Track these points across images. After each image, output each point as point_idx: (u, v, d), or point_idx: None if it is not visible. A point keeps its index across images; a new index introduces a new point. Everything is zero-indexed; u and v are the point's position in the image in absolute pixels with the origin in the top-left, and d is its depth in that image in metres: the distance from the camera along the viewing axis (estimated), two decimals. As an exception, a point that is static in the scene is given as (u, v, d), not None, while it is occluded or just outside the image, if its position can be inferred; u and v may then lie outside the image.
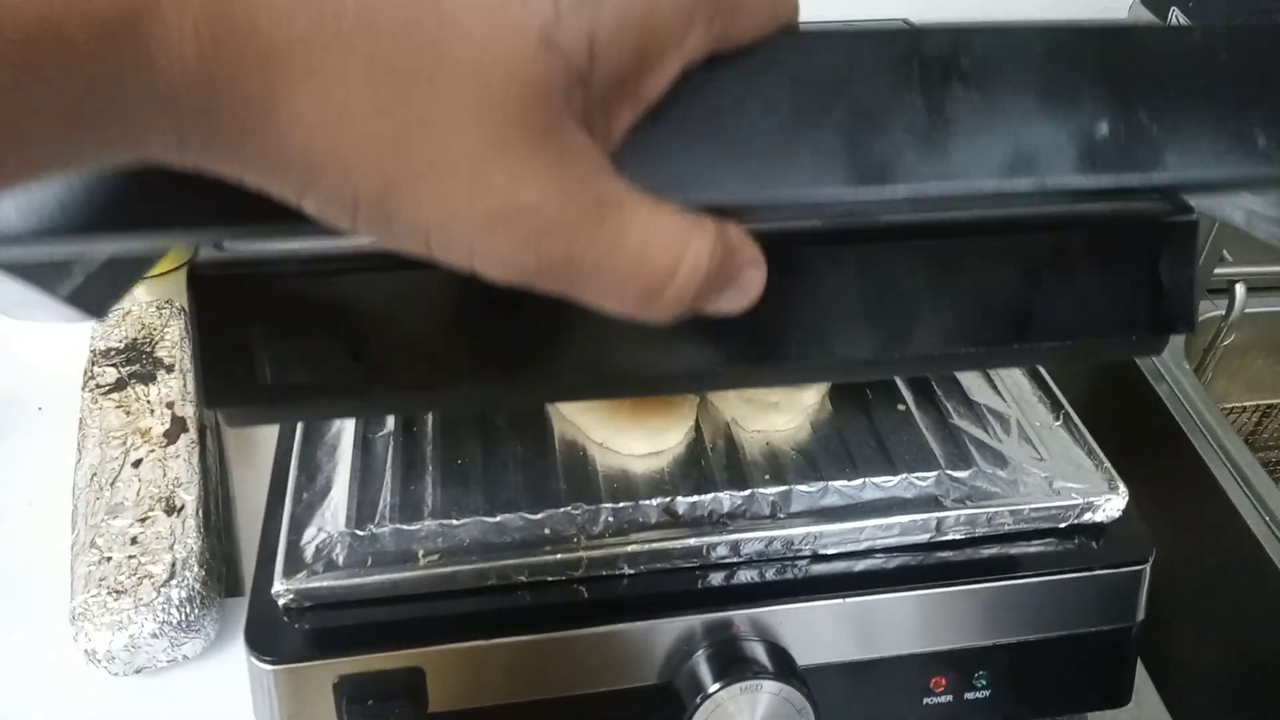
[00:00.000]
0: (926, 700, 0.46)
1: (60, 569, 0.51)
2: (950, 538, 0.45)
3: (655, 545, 0.43)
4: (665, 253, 0.21)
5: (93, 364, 0.62)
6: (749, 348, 0.36)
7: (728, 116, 0.24)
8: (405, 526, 0.43)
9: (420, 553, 0.42)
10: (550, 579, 0.43)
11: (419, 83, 0.18)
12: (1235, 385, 0.79)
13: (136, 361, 0.62)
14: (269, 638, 0.41)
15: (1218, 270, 0.72)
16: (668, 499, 0.44)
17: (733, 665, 0.41)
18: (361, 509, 0.44)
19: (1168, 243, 0.38)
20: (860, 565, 0.44)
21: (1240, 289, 0.71)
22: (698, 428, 0.49)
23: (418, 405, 0.43)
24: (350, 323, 0.33)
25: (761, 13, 0.23)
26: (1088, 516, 0.45)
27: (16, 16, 0.15)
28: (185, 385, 0.60)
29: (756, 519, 0.44)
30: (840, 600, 0.43)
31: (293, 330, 0.33)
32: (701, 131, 0.24)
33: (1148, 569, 0.45)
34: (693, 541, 0.43)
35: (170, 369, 0.61)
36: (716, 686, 0.41)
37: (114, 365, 0.62)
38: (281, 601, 0.41)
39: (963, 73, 0.26)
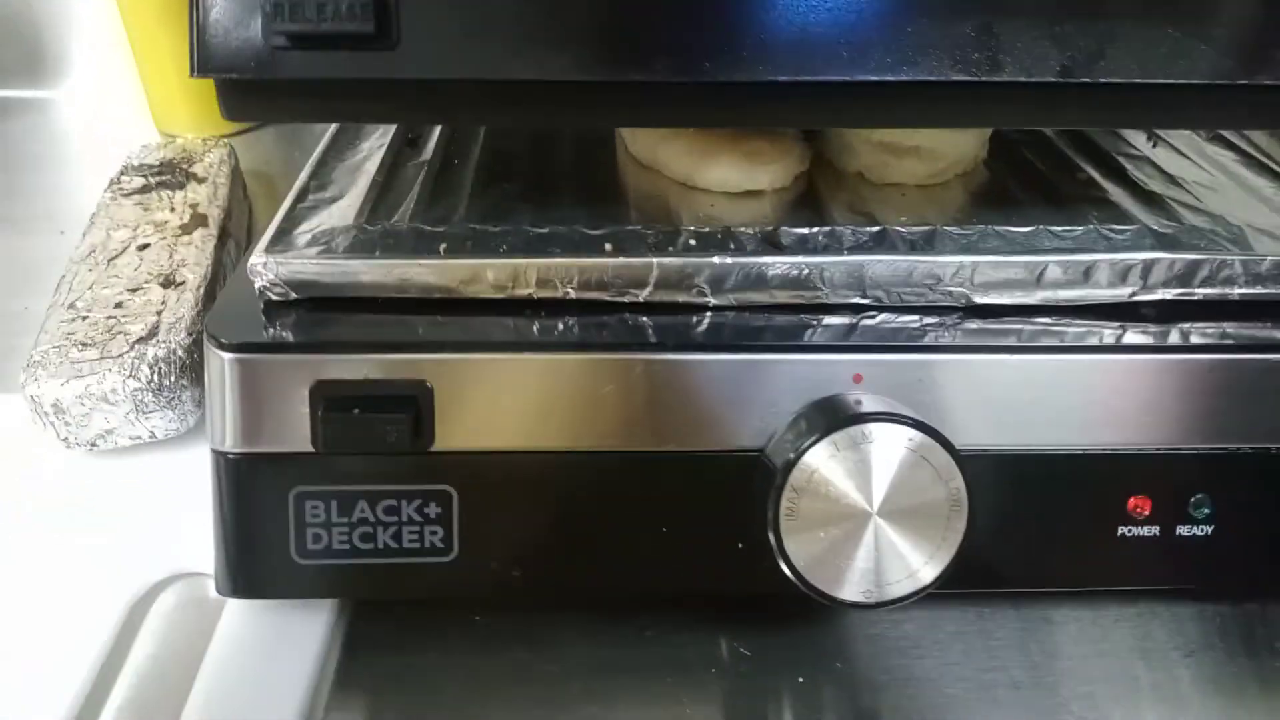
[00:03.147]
0: (1122, 530, 0.33)
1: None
2: (1161, 296, 0.33)
3: (749, 260, 0.32)
4: None
5: (120, 174, 0.55)
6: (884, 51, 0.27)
7: None
8: (427, 227, 0.33)
9: (442, 247, 0.32)
10: (607, 298, 0.32)
11: None
12: None
13: (168, 173, 0.55)
14: (236, 323, 0.31)
15: None
16: (770, 228, 0.33)
17: (855, 419, 0.30)
18: (376, 210, 0.35)
19: None
20: (1033, 323, 0.32)
21: None
22: (811, 182, 0.38)
23: (460, 100, 0.34)
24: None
25: None
26: (1356, 284, 0.33)
27: None
28: (215, 193, 0.53)
29: (890, 250, 0.33)
30: (1005, 357, 0.31)
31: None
32: None
33: None
34: (804, 263, 0.32)
35: (202, 180, 0.54)
36: (833, 436, 0.29)
37: (143, 175, 0.55)
38: (259, 283, 0.31)
39: None
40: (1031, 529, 0.33)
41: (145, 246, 0.47)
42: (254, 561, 0.32)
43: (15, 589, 0.35)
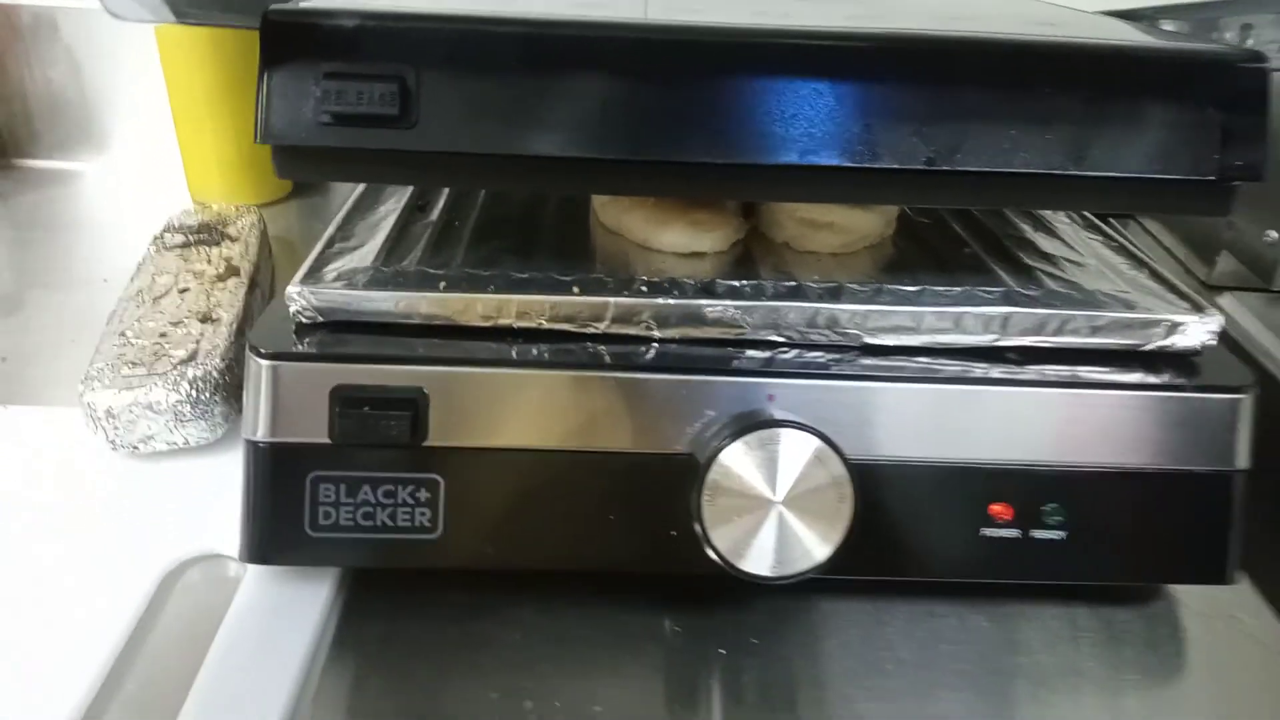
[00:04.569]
0: (985, 531, 0.40)
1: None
2: (1019, 342, 0.40)
3: (688, 301, 0.40)
4: None
5: (164, 231, 0.63)
6: (797, 143, 0.36)
7: None
8: (431, 270, 0.41)
9: (442, 284, 0.40)
10: (572, 329, 0.40)
11: None
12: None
13: (206, 232, 0.63)
14: (273, 337, 0.38)
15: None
16: (708, 279, 0.41)
17: (765, 424, 0.37)
18: (390, 256, 0.43)
19: (1235, 87, 0.37)
20: (916, 361, 0.40)
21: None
22: (747, 248, 0.46)
23: (463, 168, 0.42)
24: (404, 67, 0.35)
25: None
26: (1176, 340, 0.41)
27: None
28: (246, 250, 0.61)
29: (802, 299, 0.41)
30: (890, 385, 0.39)
31: (350, 69, 0.34)
32: None
33: (1248, 400, 0.40)
34: (732, 306, 0.39)
35: (235, 240, 0.62)
36: (746, 437, 0.36)
37: (183, 234, 0.63)
38: (293, 308, 0.39)
39: None
40: (910, 525, 0.40)
41: (185, 290, 0.55)
42: (273, 534, 0.38)
43: (65, 564, 0.42)
